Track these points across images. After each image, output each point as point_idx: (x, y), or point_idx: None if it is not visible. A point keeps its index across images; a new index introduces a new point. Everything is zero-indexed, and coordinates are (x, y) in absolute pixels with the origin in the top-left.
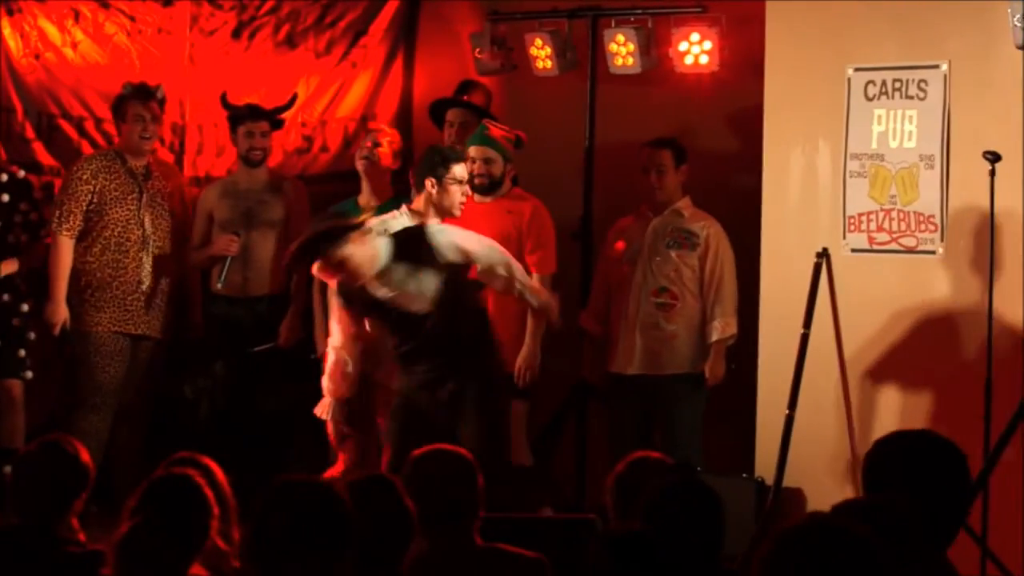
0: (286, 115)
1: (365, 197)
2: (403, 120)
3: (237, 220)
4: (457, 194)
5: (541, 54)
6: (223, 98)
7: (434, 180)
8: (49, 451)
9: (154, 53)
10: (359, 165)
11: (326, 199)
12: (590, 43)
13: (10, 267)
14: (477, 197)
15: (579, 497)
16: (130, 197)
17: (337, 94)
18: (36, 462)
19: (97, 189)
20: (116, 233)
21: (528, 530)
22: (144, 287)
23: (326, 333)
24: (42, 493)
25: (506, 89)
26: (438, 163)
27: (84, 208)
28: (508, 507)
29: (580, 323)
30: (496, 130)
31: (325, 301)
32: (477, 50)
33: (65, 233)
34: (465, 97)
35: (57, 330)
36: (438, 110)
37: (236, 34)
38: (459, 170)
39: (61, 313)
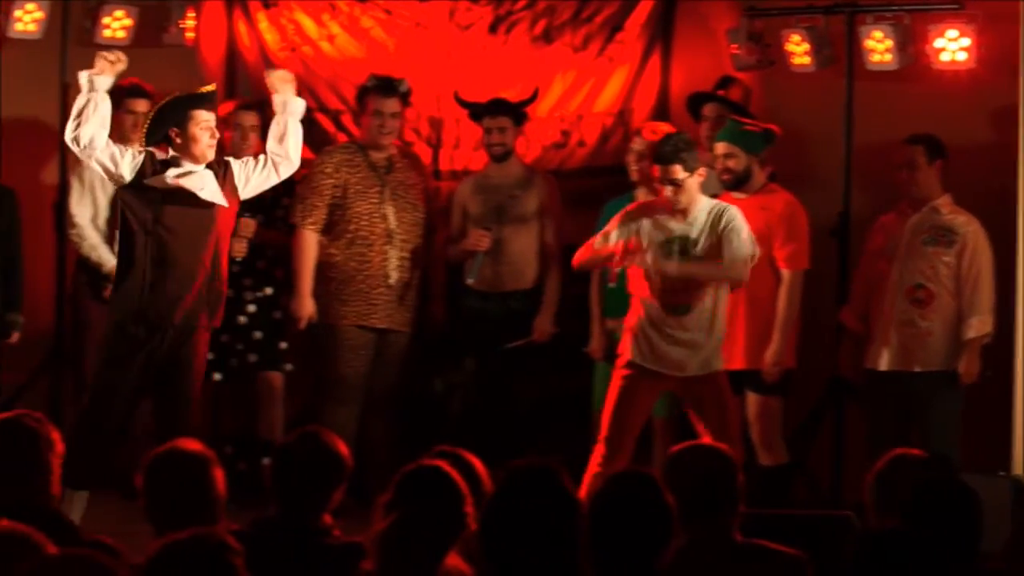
0: (536, 110)
1: (643, 194)
2: (660, 116)
3: (489, 215)
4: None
5: (798, 50)
6: (456, 95)
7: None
8: (308, 442)
9: (411, 47)
10: (634, 176)
11: (583, 194)
12: (846, 39)
13: (248, 229)
14: (734, 194)
15: (836, 494)
16: (372, 190)
17: (594, 89)
18: (295, 453)
19: (340, 183)
20: (361, 226)
21: (785, 527)
22: (391, 281)
23: (601, 325)
24: (302, 484)
25: (763, 85)
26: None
27: (327, 202)
28: None
29: (840, 319)
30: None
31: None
32: (734, 46)
33: (309, 227)
34: (722, 93)
35: (303, 324)
36: (695, 104)
37: (493, 29)
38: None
39: (307, 308)
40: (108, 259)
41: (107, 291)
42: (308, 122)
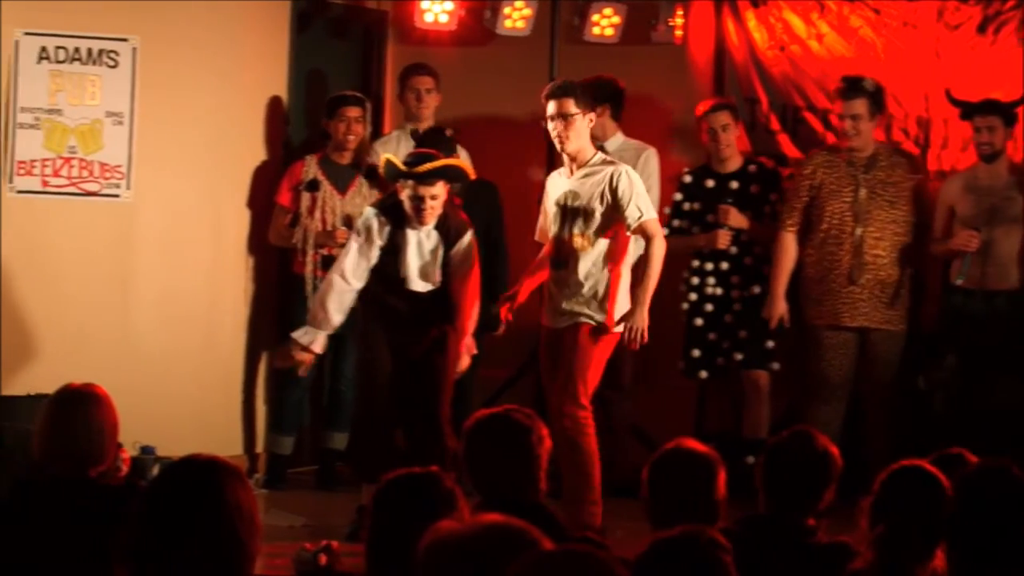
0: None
1: None
2: None
3: (979, 216)
4: None
5: None
6: (947, 93)
7: None
8: (800, 442)
9: (899, 47)
10: None
11: None
12: None
13: (726, 216)
14: None
15: None
16: (846, 189)
17: None
18: (786, 452)
19: (816, 184)
20: (832, 225)
21: None
22: (862, 280)
23: None
24: (793, 483)
25: None
26: None
27: (804, 203)
28: None
29: None
30: None
31: None
32: None
33: (789, 228)
34: None
35: (773, 324)
36: None
37: (981, 28)
38: None
39: (779, 308)
40: None
41: None
42: (796, 121)
